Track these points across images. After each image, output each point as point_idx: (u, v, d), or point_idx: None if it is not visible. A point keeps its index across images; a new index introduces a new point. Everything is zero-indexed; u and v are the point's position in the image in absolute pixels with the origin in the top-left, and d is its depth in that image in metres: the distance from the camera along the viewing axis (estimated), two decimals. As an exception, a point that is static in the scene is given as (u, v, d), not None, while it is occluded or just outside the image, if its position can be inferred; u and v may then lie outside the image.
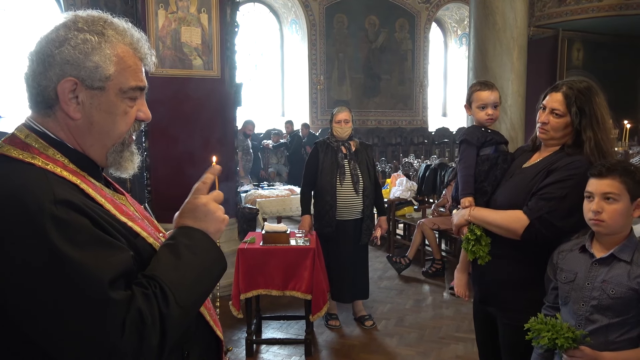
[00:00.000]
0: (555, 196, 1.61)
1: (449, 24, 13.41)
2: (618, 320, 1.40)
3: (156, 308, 0.82)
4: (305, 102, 11.09)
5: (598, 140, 1.63)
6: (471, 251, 1.81)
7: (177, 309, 0.84)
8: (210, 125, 4.17)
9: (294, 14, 11.09)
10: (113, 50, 0.91)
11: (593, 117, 1.64)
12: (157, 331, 0.81)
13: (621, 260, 1.42)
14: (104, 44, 0.90)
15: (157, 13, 4.07)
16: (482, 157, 1.90)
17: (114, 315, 0.78)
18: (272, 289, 3.14)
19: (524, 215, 1.66)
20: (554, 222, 1.61)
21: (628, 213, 1.43)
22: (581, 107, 1.64)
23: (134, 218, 0.96)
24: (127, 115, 0.95)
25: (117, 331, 0.78)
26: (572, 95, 1.66)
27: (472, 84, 2.06)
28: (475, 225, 1.81)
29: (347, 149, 3.57)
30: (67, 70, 0.88)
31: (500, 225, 1.73)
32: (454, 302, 4.14)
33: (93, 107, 0.91)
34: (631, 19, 10.23)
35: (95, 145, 0.94)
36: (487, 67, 6.15)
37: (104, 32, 0.91)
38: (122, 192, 1.05)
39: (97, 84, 0.90)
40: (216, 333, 1.07)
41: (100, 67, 0.89)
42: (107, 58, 0.90)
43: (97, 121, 0.92)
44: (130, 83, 0.93)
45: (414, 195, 5.84)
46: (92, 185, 0.92)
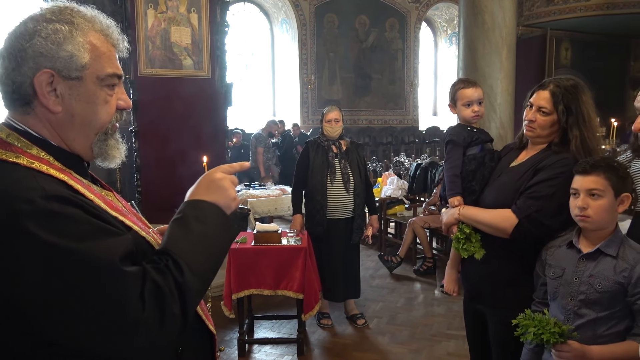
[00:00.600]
0: (543, 195, 1.63)
1: (439, 24, 13.48)
2: (605, 314, 1.42)
3: (171, 278, 0.83)
4: (296, 102, 11.09)
5: (584, 138, 1.64)
6: (463, 249, 1.82)
7: (192, 277, 0.85)
8: (200, 125, 4.16)
9: (285, 13, 11.09)
10: (85, 38, 0.89)
11: (580, 116, 1.66)
12: (176, 300, 0.82)
13: (607, 255, 1.45)
14: (75, 32, 0.88)
15: (146, 13, 4.05)
16: (469, 156, 1.91)
17: (132, 289, 0.78)
18: (264, 289, 3.14)
19: (513, 214, 1.67)
20: (542, 221, 1.63)
21: (613, 208, 1.45)
22: (568, 105, 1.66)
23: (124, 213, 0.95)
24: (108, 104, 0.93)
25: (138, 305, 0.78)
26: (559, 94, 1.67)
27: (454, 83, 2.06)
28: (465, 224, 1.83)
29: (338, 148, 3.58)
30: (42, 62, 0.85)
31: (489, 224, 1.75)
32: (445, 299, 4.17)
33: (73, 98, 0.89)
34: (618, 18, 10.35)
35: (79, 137, 0.92)
36: (477, 66, 6.19)
37: (73, 20, 0.88)
38: (109, 188, 1.04)
39: (74, 74, 0.88)
40: (209, 328, 1.07)
41: (75, 56, 0.87)
42: (81, 46, 0.88)
43: (78, 112, 0.90)
44: (107, 70, 0.91)
45: (405, 194, 5.86)
46: (80, 182, 0.90)
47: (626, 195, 1.46)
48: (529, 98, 1.76)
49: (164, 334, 0.81)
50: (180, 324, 0.83)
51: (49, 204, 0.78)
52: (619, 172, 1.45)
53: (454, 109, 2.03)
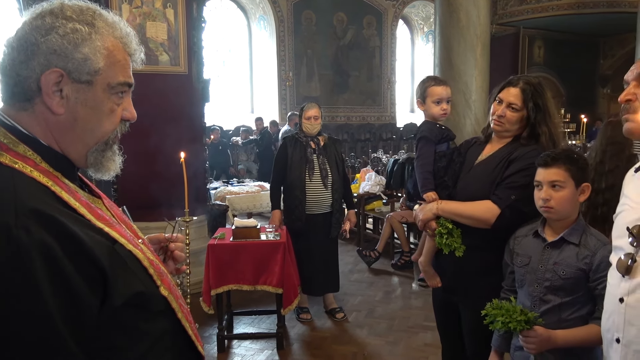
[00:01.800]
0: (520, 184, 1.70)
1: (416, 22, 13.63)
2: (569, 299, 1.49)
3: None
4: (274, 99, 11.07)
5: (552, 133, 1.74)
6: (446, 244, 1.85)
7: None
8: (177, 122, 4.12)
9: (262, 10, 11.05)
10: (103, 43, 0.85)
11: (546, 112, 1.75)
12: None
13: (570, 243, 1.52)
14: (95, 35, 0.84)
15: (120, 7, 3.99)
16: (439, 153, 1.96)
17: None
18: (243, 284, 3.15)
19: (494, 205, 1.73)
20: (522, 209, 1.70)
21: (574, 198, 1.52)
22: (537, 102, 1.74)
23: (110, 223, 0.88)
24: (114, 113, 0.89)
25: None
26: (529, 91, 1.74)
27: (424, 81, 2.12)
28: (445, 218, 1.86)
29: (316, 144, 3.61)
30: (53, 60, 0.81)
31: (470, 216, 1.79)
32: (423, 292, 4.25)
33: (78, 102, 0.84)
34: (588, 18, 10.65)
35: (77, 143, 0.87)
36: (452, 63, 6.30)
37: (94, 22, 0.85)
38: (98, 194, 0.98)
39: (85, 78, 0.84)
40: (198, 349, 1.00)
41: (90, 60, 0.83)
42: (98, 51, 0.84)
43: (82, 117, 0.85)
44: (119, 78, 0.88)
45: (383, 190, 5.94)
46: (66, 187, 0.84)
47: (586, 185, 1.53)
48: (496, 94, 1.82)
49: None
50: None
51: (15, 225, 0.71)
52: (578, 163, 1.52)
53: (423, 105, 2.08)
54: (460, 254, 1.84)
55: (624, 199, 1.23)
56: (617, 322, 1.12)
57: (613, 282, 1.17)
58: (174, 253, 1.14)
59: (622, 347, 1.11)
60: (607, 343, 1.18)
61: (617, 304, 1.12)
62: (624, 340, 1.11)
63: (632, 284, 1.10)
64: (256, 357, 3.18)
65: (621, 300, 1.11)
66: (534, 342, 1.43)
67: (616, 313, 1.13)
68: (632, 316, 1.09)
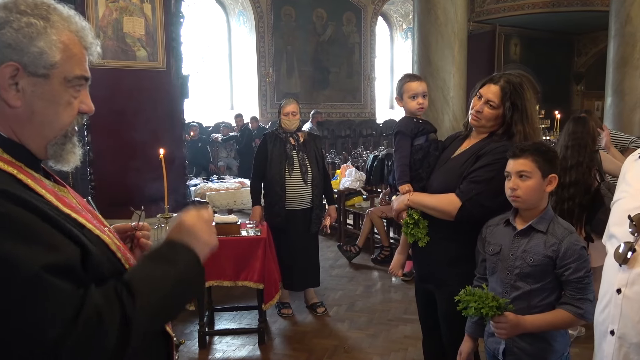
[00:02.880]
0: (483, 179, 1.76)
1: (395, 18, 13.72)
2: (538, 286, 1.56)
3: (118, 309, 0.77)
4: (254, 95, 11.02)
5: (527, 133, 1.78)
6: (410, 234, 1.94)
7: (143, 315, 0.80)
8: (156, 118, 4.08)
9: (241, 5, 10.97)
10: (59, 37, 0.86)
11: (524, 112, 1.79)
12: (116, 332, 0.76)
13: (538, 231, 1.58)
14: (50, 29, 0.85)
15: (97, 2, 3.93)
16: (416, 146, 2.03)
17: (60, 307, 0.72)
18: (223, 280, 3.15)
19: (457, 198, 1.79)
20: (483, 203, 1.76)
21: (541, 188, 1.58)
22: (514, 102, 1.79)
23: (77, 210, 0.91)
24: (71, 106, 0.90)
25: (68, 327, 0.72)
26: (508, 90, 1.79)
27: (401, 78, 2.19)
28: (414, 209, 1.93)
29: (296, 140, 3.62)
30: (8, 54, 0.82)
31: (435, 208, 1.86)
32: (402, 286, 4.31)
33: (35, 96, 0.85)
34: (562, 16, 10.89)
35: (35, 136, 0.88)
36: (431, 60, 6.38)
37: (49, 17, 0.86)
38: (63, 184, 0.99)
39: (41, 71, 0.85)
40: (165, 329, 1.03)
41: (46, 54, 0.84)
42: (53, 44, 0.85)
43: (39, 111, 0.86)
44: (76, 72, 0.89)
45: (363, 186, 5.99)
46: (31, 176, 0.86)
47: (553, 176, 1.59)
48: (478, 88, 1.87)
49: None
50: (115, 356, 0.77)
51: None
52: (546, 155, 1.58)
53: (401, 102, 2.14)
54: (423, 244, 1.91)
55: (623, 186, 1.18)
56: (613, 314, 1.08)
57: (609, 271, 1.12)
58: (140, 241, 1.15)
59: (616, 340, 1.07)
60: (600, 335, 1.13)
61: (614, 294, 1.07)
62: (619, 332, 1.06)
63: (632, 275, 1.04)
64: (238, 352, 3.19)
65: (618, 291, 1.06)
66: (504, 327, 1.49)
67: (612, 304, 1.08)
68: (629, 308, 1.04)
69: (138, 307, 0.79)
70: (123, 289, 0.80)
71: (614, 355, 1.08)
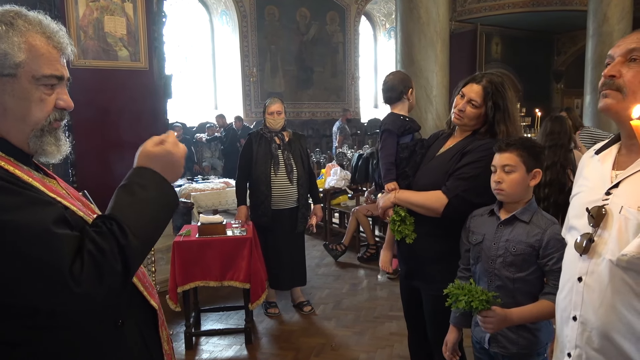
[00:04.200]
0: (469, 176, 1.79)
1: (378, 18, 13.78)
2: (521, 275, 1.59)
3: (113, 240, 0.88)
4: (238, 95, 10.97)
5: (509, 132, 1.82)
6: (397, 231, 1.95)
7: (135, 239, 0.91)
8: (139, 119, 4.05)
9: (224, 4, 10.91)
10: (22, 38, 0.93)
11: (506, 111, 1.83)
12: (117, 258, 0.88)
13: (522, 221, 1.61)
14: (12, 32, 0.92)
15: (77, 1, 3.88)
16: (402, 145, 2.04)
17: (66, 249, 0.83)
18: (209, 280, 3.14)
19: (443, 195, 1.81)
20: (469, 199, 1.78)
21: (525, 182, 1.62)
22: (496, 102, 1.82)
23: (63, 196, 0.98)
24: (44, 102, 0.96)
25: (75, 264, 0.83)
26: (490, 90, 1.82)
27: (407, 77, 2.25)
28: (400, 207, 1.95)
29: (281, 139, 3.62)
30: None
31: (422, 205, 1.88)
32: (388, 284, 4.34)
33: (5, 94, 0.92)
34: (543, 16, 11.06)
35: (13, 131, 0.95)
36: (413, 59, 6.42)
37: (13, 22, 0.93)
38: (53, 176, 1.06)
39: (7, 71, 0.92)
40: (150, 303, 1.11)
41: (9, 54, 0.92)
42: (16, 45, 0.92)
43: (11, 107, 0.93)
44: (44, 71, 0.95)
45: (348, 184, 6.01)
46: (19, 167, 0.94)
47: (537, 170, 1.63)
48: (460, 87, 1.90)
49: (102, 288, 0.86)
50: (121, 281, 0.89)
51: None
52: (531, 150, 1.62)
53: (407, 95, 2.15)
54: (410, 241, 1.93)
55: (581, 180, 1.24)
56: (575, 301, 1.13)
57: (570, 261, 1.18)
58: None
59: (579, 325, 1.12)
60: (562, 321, 1.19)
61: (575, 282, 1.13)
62: (581, 318, 1.12)
63: (591, 264, 1.10)
64: (225, 352, 3.18)
65: (580, 280, 1.12)
66: (491, 321, 1.52)
67: (574, 292, 1.14)
68: (590, 295, 1.10)
69: (129, 235, 0.90)
70: (112, 222, 0.91)
71: (577, 340, 1.13)
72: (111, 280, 0.88)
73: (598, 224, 1.10)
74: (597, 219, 1.10)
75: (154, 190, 0.99)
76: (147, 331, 1.10)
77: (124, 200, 0.96)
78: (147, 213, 0.97)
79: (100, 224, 0.91)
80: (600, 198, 1.12)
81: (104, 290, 0.87)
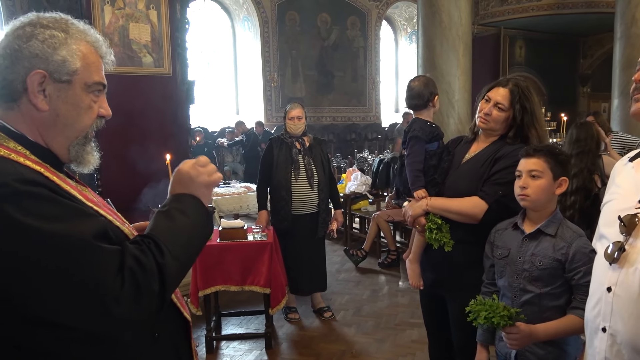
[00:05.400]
0: (507, 180, 1.75)
1: (399, 22, 13.73)
2: (548, 289, 1.54)
3: (152, 257, 0.88)
4: (259, 100, 11.06)
5: (539, 136, 1.81)
6: (435, 239, 1.89)
7: (172, 260, 0.91)
8: (162, 124, 4.11)
9: (246, 10, 11.02)
10: (78, 46, 0.96)
11: (533, 115, 1.81)
12: (155, 277, 0.87)
13: (547, 234, 1.57)
14: (70, 39, 0.95)
15: (103, 9, 3.97)
16: (430, 152, 2.01)
17: (108, 265, 0.83)
18: (230, 285, 3.15)
19: (482, 201, 1.79)
20: (508, 204, 1.74)
21: (550, 190, 1.58)
22: (524, 105, 1.80)
23: (99, 204, 1.00)
24: (91, 109, 0.99)
25: (116, 281, 0.82)
26: (517, 93, 1.81)
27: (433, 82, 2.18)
28: (434, 214, 1.90)
29: (301, 144, 3.63)
30: (36, 63, 0.91)
31: (459, 212, 1.84)
32: (409, 290, 4.29)
33: (60, 100, 0.94)
34: (567, 18, 10.84)
35: (59, 137, 0.97)
36: (435, 63, 6.37)
37: (68, 29, 0.96)
38: (83, 184, 1.07)
39: (65, 77, 0.94)
40: (184, 315, 1.12)
41: (68, 61, 0.94)
42: (74, 53, 0.95)
43: (63, 113, 0.95)
44: (95, 78, 0.98)
45: (369, 189, 5.98)
46: (56, 174, 0.95)
47: (564, 179, 1.58)
48: (484, 92, 1.87)
49: (141, 309, 0.86)
50: (158, 302, 0.89)
51: (25, 187, 0.82)
52: (558, 157, 1.57)
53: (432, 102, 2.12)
54: (449, 249, 1.88)
55: (614, 188, 1.21)
56: (604, 311, 1.10)
57: (599, 271, 1.14)
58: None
59: (608, 337, 1.09)
60: (592, 332, 1.15)
61: (605, 292, 1.10)
62: (611, 329, 1.08)
63: (622, 274, 1.07)
64: (245, 357, 3.18)
65: (609, 290, 1.09)
66: (516, 337, 1.47)
67: (603, 302, 1.10)
68: (620, 306, 1.06)
69: (166, 254, 0.90)
70: (150, 242, 0.91)
71: (606, 352, 1.10)
72: (149, 302, 0.87)
73: (630, 233, 1.06)
74: (629, 227, 1.06)
75: (193, 216, 1.00)
76: (180, 343, 1.11)
77: (162, 224, 0.96)
78: (185, 237, 0.97)
79: (139, 242, 0.91)
80: (633, 206, 1.09)
81: (141, 313, 0.86)
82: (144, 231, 1.20)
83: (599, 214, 1.23)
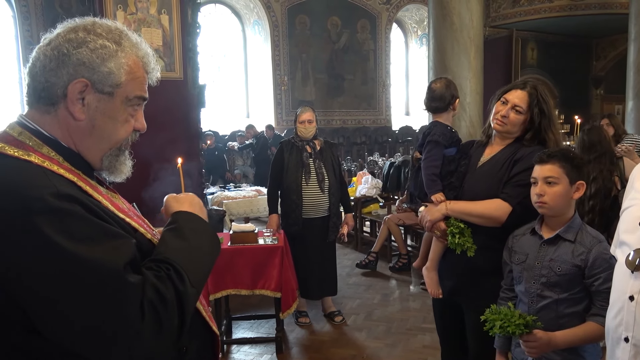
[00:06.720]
0: (528, 182, 1.72)
1: (409, 25, 13.69)
2: (566, 295, 1.51)
3: (172, 287, 0.85)
4: (270, 103, 11.08)
5: (557, 140, 1.79)
6: (458, 244, 1.83)
7: (192, 288, 0.89)
8: (173, 128, 4.12)
9: (256, 14, 11.07)
10: (127, 60, 0.94)
11: (550, 119, 1.79)
12: (175, 310, 0.85)
13: (566, 240, 1.54)
14: (120, 52, 0.93)
15: (115, 14, 4.00)
16: (448, 158, 1.96)
17: (133, 299, 0.80)
18: (241, 289, 3.15)
19: (505, 203, 1.75)
20: (530, 206, 1.70)
21: (568, 195, 1.54)
22: (542, 108, 1.78)
23: (129, 215, 0.99)
24: (128, 123, 0.98)
25: (137, 315, 0.80)
26: (535, 96, 1.78)
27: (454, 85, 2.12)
28: (455, 218, 1.85)
29: (312, 148, 3.62)
30: (81, 71, 0.89)
31: (481, 215, 1.79)
32: (421, 295, 4.25)
33: (98, 111, 0.92)
34: (580, 20, 10.72)
35: (93, 147, 0.95)
36: (446, 66, 6.33)
37: (121, 41, 0.94)
38: (113, 190, 1.06)
39: (107, 89, 0.92)
40: (212, 328, 1.10)
41: (114, 74, 0.92)
42: (122, 66, 0.93)
43: (99, 125, 0.93)
44: (136, 92, 0.97)
45: (379, 193, 5.95)
46: (88, 182, 0.93)
47: (581, 183, 1.55)
48: (499, 94, 1.85)
49: (160, 344, 0.83)
50: (177, 333, 0.87)
51: (60, 202, 0.80)
52: (573, 161, 1.54)
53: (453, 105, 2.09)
54: (472, 254, 1.82)
55: (633, 193, 1.17)
56: (627, 321, 1.07)
57: (620, 279, 1.11)
58: None
59: (631, 347, 1.06)
60: (614, 342, 1.12)
61: (627, 301, 1.07)
62: (634, 339, 1.05)
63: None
64: (255, 361, 3.17)
65: (631, 299, 1.06)
66: (534, 346, 1.44)
67: (625, 311, 1.07)
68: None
69: (187, 282, 0.87)
70: (169, 267, 0.88)
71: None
72: (169, 334, 0.84)
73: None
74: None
75: (205, 237, 0.98)
76: (206, 356, 1.10)
77: (176, 244, 0.93)
78: (201, 260, 0.95)
79: (157, 268, 0.87)
80: None
81: (160, 345, 0.83)
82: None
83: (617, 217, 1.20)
